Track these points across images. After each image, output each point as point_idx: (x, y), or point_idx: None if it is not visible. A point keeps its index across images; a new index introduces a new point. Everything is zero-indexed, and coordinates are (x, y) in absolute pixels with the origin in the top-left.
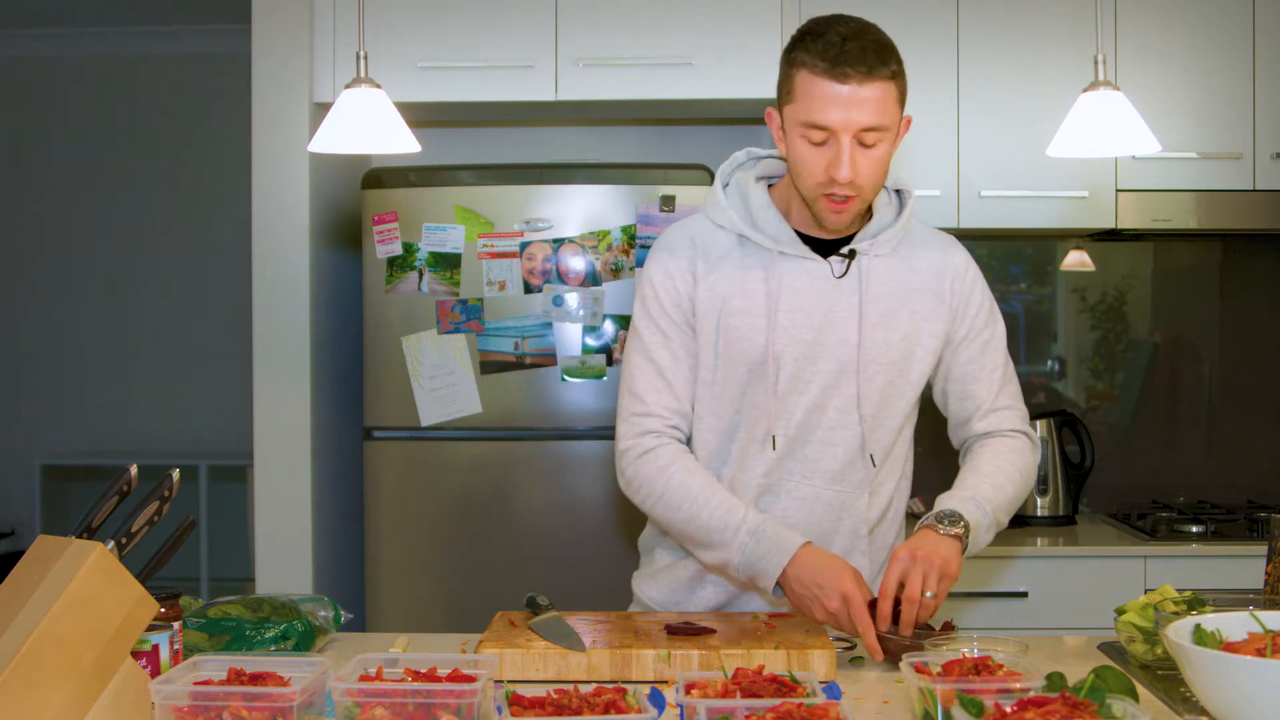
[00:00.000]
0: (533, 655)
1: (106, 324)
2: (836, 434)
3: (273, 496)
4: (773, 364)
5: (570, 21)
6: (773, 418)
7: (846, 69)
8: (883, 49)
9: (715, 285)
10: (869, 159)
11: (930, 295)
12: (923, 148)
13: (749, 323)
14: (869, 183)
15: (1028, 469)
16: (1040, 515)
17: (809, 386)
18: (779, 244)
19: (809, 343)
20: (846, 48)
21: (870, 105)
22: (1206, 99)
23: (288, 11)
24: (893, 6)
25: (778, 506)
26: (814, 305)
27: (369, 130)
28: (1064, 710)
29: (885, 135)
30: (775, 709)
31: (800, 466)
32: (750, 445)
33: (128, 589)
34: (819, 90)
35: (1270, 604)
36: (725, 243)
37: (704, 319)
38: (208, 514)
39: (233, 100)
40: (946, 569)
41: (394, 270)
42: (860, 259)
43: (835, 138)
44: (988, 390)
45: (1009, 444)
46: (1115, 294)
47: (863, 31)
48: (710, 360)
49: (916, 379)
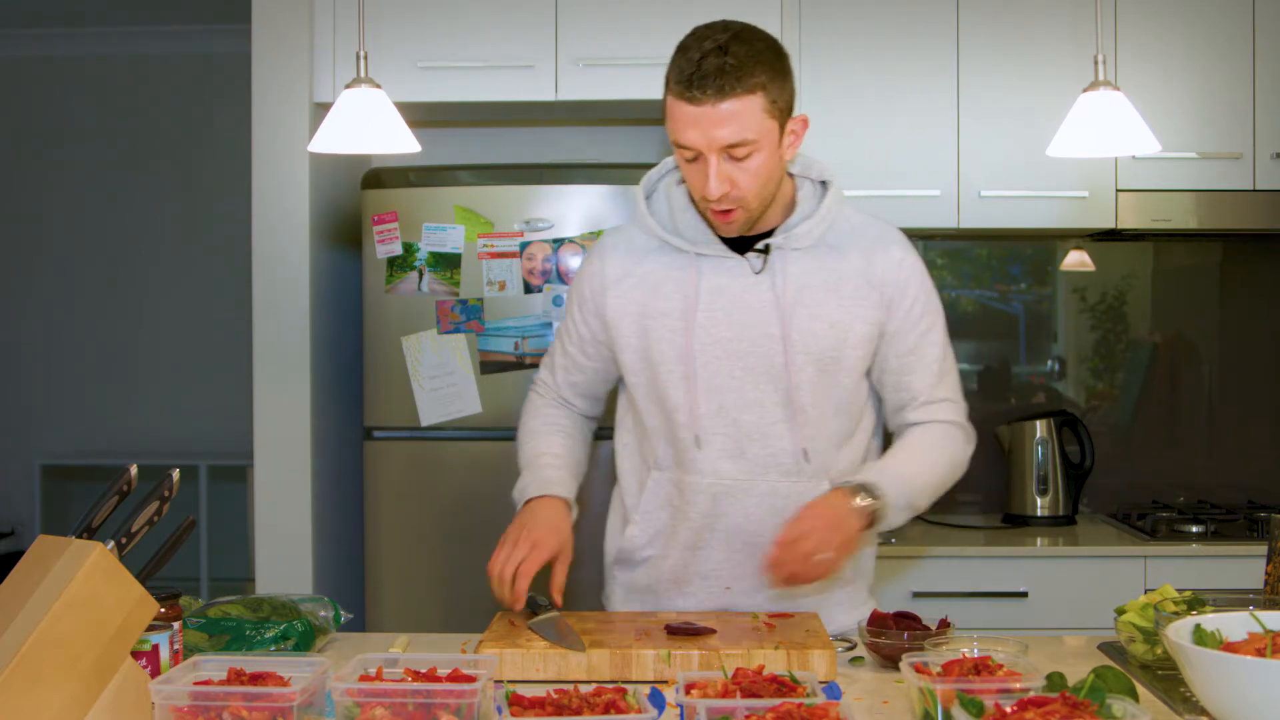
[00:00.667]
0: (533, 655)
1: (106, 324)
2: (776, 428)
3: (273, 496)
4: (691, 364)
5: (570, 21)
6: (697, 418)
7: (696, 91)
8: (743, 65)
9: (631, 292)
10: (744, 171)
11: (862, 282)
12: (923, 148)
13: (668, 324)
14: (749, 193)
15: (957, 459)
16: (1040, 515)
17: (738, 384)
18: (696, 245)
19: (730, 339)
20: (703, 67)
21: (728, 123)
22: (1206, 99)
23: (288, 11)
24: (893, 6)
25: (739, 506)
26: (733, 303)
27: (369, 130)
28: (1064, 710)
29: (756, 146)
30: (775, 709)
31: (749, 465)
32: (683, 447)
33: (128, 589)
34: (677, 111)
35: (1270, 604)
36: (646, 247)
37: (621, 326)
38: (208, 514)
39: (233, 100)
40: (848, 544)
41: (394, 270)
42: (779, 253)
43: (704, 155)
44: (923, 382)
45: (942, 431)
46: (1115, 294)
47: (727, 44)
48: (634, 365)
49: (852, 365)
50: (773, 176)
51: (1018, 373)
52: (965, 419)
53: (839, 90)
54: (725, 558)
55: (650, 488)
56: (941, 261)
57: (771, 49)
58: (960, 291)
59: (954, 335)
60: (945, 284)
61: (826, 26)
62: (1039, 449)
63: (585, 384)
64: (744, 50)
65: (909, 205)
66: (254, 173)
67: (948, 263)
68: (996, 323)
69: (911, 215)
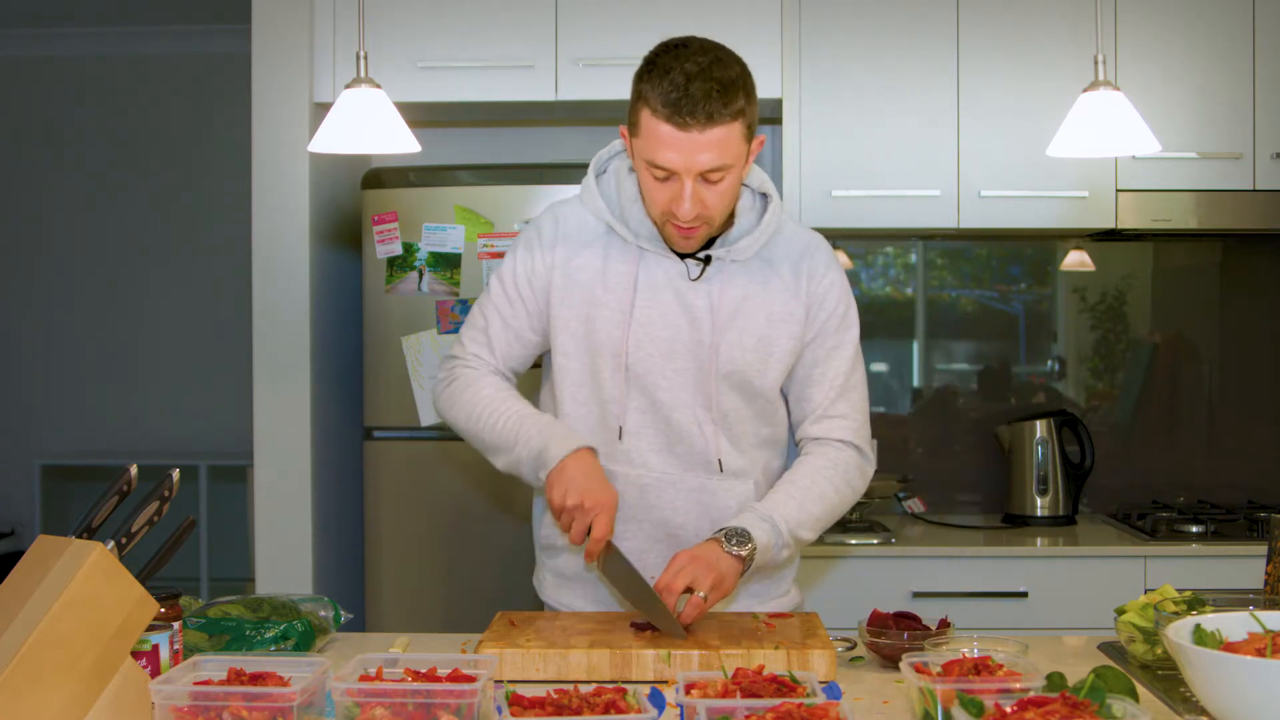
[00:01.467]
0: (532, 655)
1: (107, 324)
2: (703, 429)
3: (273, 496)
4: (625, 357)
5: (570, 21)
6: (626, 411)
7: (687, 117)
8: (727, 88)
9: (577, 274)
10: (714, 193)
11: (789, 296)
12: (923, 148)
13: (608, 315)
14: (715, 213)
15: (847, 487)
16: (1040, 515)
17: (669, 384)
18: (639, 238)
19: (666, 340)
20: (690, 90)
21: (713, 149)
22: (1206, 99)
23: (288, 11)
24: (893, 6)
25: (665, 499)
26: (670, 305)
27: (369, 130)
28: (1064, 710)
29: (730, 171)
30: (775, 709)
31: (676, 460)
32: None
33: (128, 589)
34: (660, 134)
35: (1270, 604)
36: (593, 229)
37: (564, 305)
38: (208, 514)
39: (233, 100)
40: (720, 584)
41: (394, 270)
42: (717, 263)
43: (678, 177)
44: (824, 396)
45: (832, 458)
46: (1115, 294)
47: (709, 68)
48: (570, 348)
49: (775, 379)
50: (737, 195)
51: (1018, 373)
52: (864, 439)
53: (839, 90)
54: (648, 548)
55: None
56: (941, 261)
57: (745, 71)
58: (960, 291)
59: (954, 335)
60: (945, 284)
61: (826, 26)
62: (1039, 449)
63: (520, 362)
64: (727, 75)
65: (909, 205)
66: (254, 173)
67: (948, 263)
68: (996, 323)
69: (911, 215)
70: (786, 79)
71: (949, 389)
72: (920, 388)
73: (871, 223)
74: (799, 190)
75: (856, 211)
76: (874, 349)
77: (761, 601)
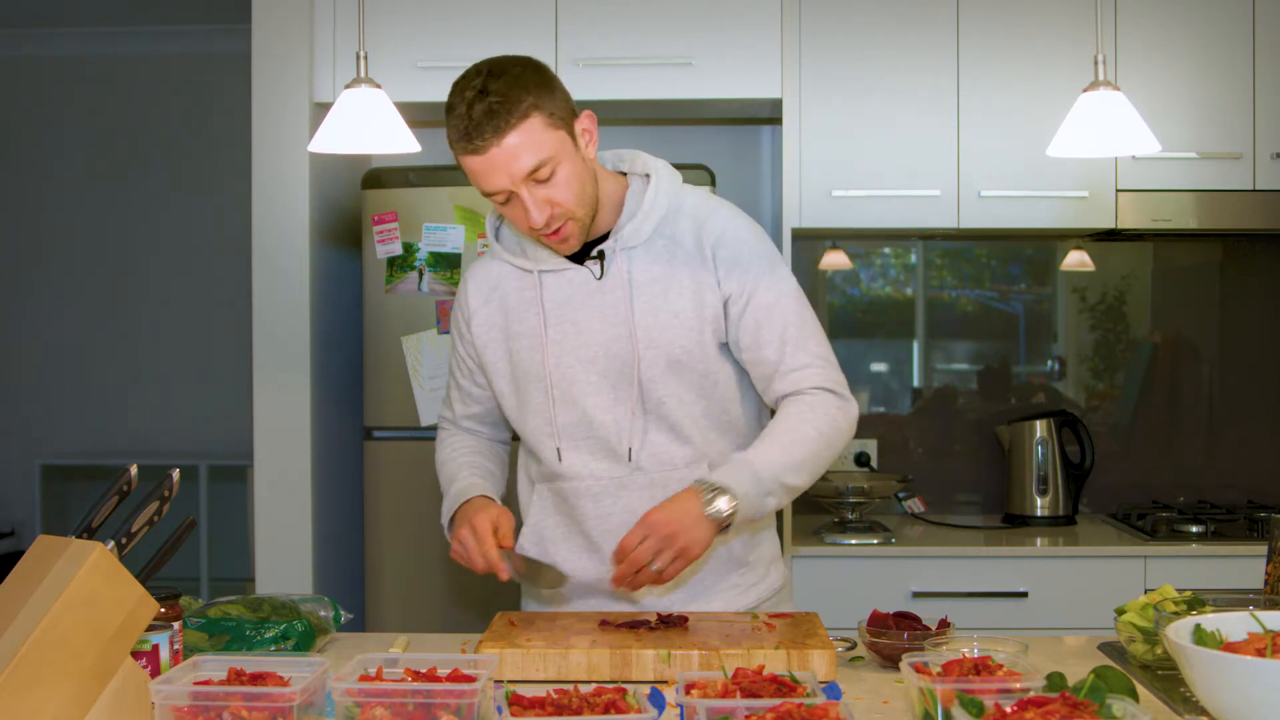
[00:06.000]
0: (532, 655)
1: (106, 324)
2: (638, 423)
3: (273, 496)
4: (548, 379)
5: (570, 21)
6: (556, 429)
7: (477, 141)
8: (506, 98)
9: (492, 317)
10: (555, 187)
11: (696, 264)
12: (923, 148)
13: (525, 344)
14: (570, 206)
15: (830, 427)
16: (1040, 515)
17: (595, 389)
18: (538, 263)
19: (579, 347)
20: (473, 115)
21: (518, 154)
22: (1206, 99)
23: (288, 11)
24: (893, 6)
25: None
26: (578, 312)
27: (369, 130)
28: (1064, 710)
29: (553, 162)
30: (775, 709)
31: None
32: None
33: (128, 589)
34: (470, 165)
35: (1270, 604)
36: (500, 273)
37: (489, 350)
38: (208, 514)
39: (233, 100)
40: (687, 552)
41: (394, 270)
42: (613, 255)
43: (514, 193)
44: (777, 352)
45: (807, 402)
46: (1115, 294)
47: (485, 86)
48: (505, 388)
49: (706, 351)
50: (585, 180)
51: (1018, 373)
52: (834, 381)
53: (839, 90)
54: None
55: (535, 500)
56: (941, 261)
57: (529, 68)
58: (960, 291)
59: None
60: (945, 284)
61: (826, 26)
62: (1039, 449)
63: (483, 413)
64: (501, 83)
65: (909, 205)
66: (254, 173)
67: (948, 263)
68: (996, 323)
69: (911, 215)
70: (786, 79)
71: (949, 389)
72: (920, 388)
73: (871, 223)
74: (799, 190)
75: (856, 211)
76: (874, 349)
77: (743, 592)
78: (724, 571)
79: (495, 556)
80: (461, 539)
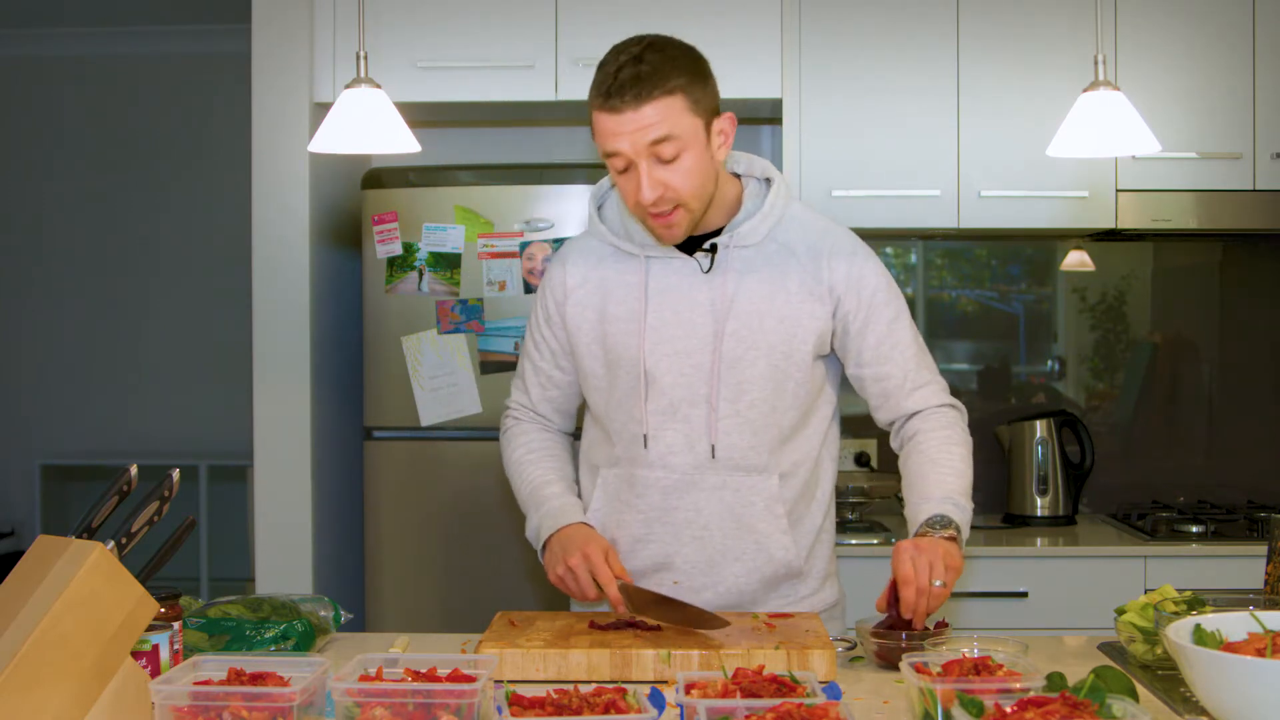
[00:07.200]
0: (532, 655)
1: (106, 324)
2: (724, 423)
3: (273, 496)
4: (642, 365)
5: (570, 21)
6: (645, 416)
7: (616, 100)
8: (658, 71)
9: (589, 298)
10: (675, 171)
11: (809, 278)
12: (923, 148)
13: (623, 328)
14: (685, 193)
15: (969, 446)
16: (1040, 515)
17: (687, 381)
18: (644, 248)
19: (679, 338)
20: (619, 78)
21: (649, 125)
22: (1206, 99)
23: (288, 11)
24: (893, 6)
25: (688, 500)
26: (681, 302)
27: (369, 130)
28: (1064, 710)
29: (681, 144)
30: (775, 709)
31: (697, 459)
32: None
33: (128, 589)
34: (600, 123)
35: (1270, 604)
36: (600, 253)
37: (581, 332)
38: (208, 514)
39: (233, 100)
40: (951, 561)
41: (394, 270)
42: (726, 251)
43: (633, 163)
44: (902, 369)
45: (946, 424)
46: (1115, 294)
47: (641, 55)
48: (597, 369)
49: (802, 359)
50: (706, 175)
51: (1018, 373)
52: (950, 395)
53: (839, 90)
54: (674, 551)
55: (600, 484)
56: (941, 261)
57: (687, 54)
58: (960, 291)
59: (954, 335)
60: (945, 284)
61: (826, 26)
62: (1039, 449)
63: (561, 399)
64: (659, 57)
65: (909, 205)
66: (254, 173)
67: (948, 263)
68: (996, 323)
69: (911, 215)
70: (786, 79)
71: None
72: None
73: (871, 223)
74: (799, 190)
75: (856, 211)
76: None
77: (792, 604)
78: (775, 581)
79: (617, 596)
80: (573, 568)
